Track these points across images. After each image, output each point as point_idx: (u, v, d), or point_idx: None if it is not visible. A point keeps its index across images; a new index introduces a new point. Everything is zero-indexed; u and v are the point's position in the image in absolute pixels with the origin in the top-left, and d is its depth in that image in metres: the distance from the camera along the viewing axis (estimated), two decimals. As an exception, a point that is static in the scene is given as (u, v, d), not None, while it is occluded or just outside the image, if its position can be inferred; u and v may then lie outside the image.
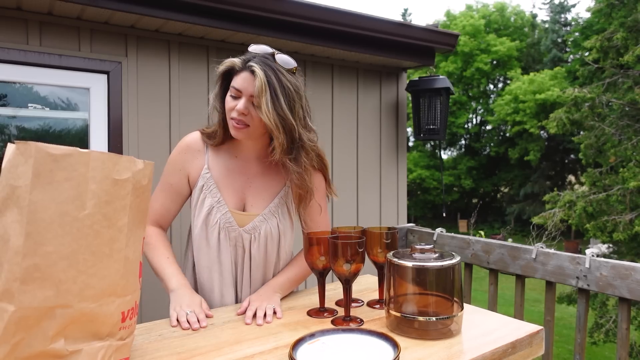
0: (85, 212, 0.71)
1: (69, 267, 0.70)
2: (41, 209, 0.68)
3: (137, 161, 0.79)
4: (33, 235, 0.67)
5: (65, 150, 0.70)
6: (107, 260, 0.74)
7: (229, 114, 1.21)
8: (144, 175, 0.82)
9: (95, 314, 0.73)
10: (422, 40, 3.36)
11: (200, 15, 2.53)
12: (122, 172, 0.76)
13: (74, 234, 0.70)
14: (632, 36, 8.37)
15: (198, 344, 0.97)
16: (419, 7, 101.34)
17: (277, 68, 1.18)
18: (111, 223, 0.74)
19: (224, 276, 1.31)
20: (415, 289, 0.99)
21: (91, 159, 0.72)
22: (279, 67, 1.19)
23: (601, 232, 7.96)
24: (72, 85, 2.52)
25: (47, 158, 0.68)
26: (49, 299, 0.68)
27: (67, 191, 0.70)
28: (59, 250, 0.69)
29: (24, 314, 0.67)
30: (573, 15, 25.47)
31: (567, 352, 7.54)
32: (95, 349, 0.74)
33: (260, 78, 1.14)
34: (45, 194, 0.68)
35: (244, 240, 1.29)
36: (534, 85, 18.69)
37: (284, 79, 1.18)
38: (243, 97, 1.18)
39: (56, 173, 0.69)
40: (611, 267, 1.80)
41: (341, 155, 3.47)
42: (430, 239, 2.65)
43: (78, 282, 0.71)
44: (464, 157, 23.16)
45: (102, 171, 0.73)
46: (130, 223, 0.79)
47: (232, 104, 1.20)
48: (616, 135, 8.61)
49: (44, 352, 0.69)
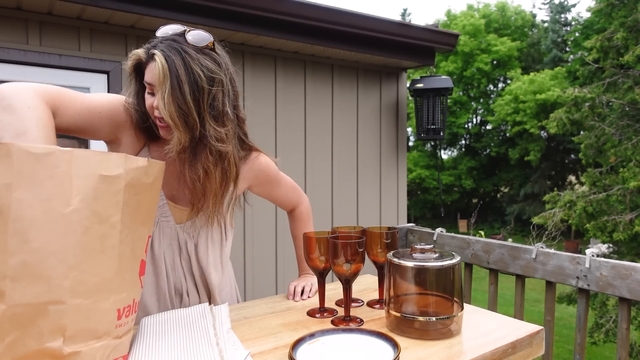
0: (71, 208, 0.71)
1: (58, 263, 0.70)
2: (25, 206, 0.68)
3: (133, 158, 0.79)
4: (19, 233, 0.67)
5: (46, 149, 0.70)
6: (100, 256, 0.74)
7: (150, 113, 1.04)
8: (146, 173, 0.81)
9: (90, 310, 0.73)
10: (422, 40, 3.36)
11: (200, 15, 2.53)
12: (110, 168, 0.75)
13: (61, 230, 0.70)
14: (633, 36, 8.37)
15: (198, 344, 0.97)
16: (419, 7, 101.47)
17: (184, 49, 0.98)
18: (102, 219, 0.74)
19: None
20: (415, 289, 0.99)
21: (74, 156, 0.72)
22: (189, 47, 0.99)
23: (601, 232, 7.96)
24: (72, 85, 2.52)
25: (28, 157, 0.69)
26: (40, 295, 0.68)
27: (50, 188, 0.70)
28: (46, 247, 0.69)
29: (16, 311, 0.67)
30: (573, 15, 25.49)
31: (567, 352, 7.55)
32: (94, 350, 0.74)
33: (159, 64, 0.96)
34: (29, 191, 0.68)
35: (179, 238, 1.17)
36: (534, 85, 18.70)
37: (192, 61, 0.98)
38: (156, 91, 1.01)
39: (39, 171, 0.69)
40: (611, 267, 1.80)
41: (341, 155, 3.47)
42: (430, 239, 2.65)
43: (69, 278, 0.71)
44: (464, 157, 23.16)
45: (87, 168, 0.73)
46: (128, 220, 0.78)
47: (149, 101, 1.03)
48: (616, 135, 8.61)
49: (40, 350, 0.69)
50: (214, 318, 1.03)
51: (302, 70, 3.28)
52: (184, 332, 0.95)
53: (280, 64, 3.19)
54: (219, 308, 1.10)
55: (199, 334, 0.94)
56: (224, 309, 1.10)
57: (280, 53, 3.16)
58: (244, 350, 0.88)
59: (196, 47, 1.01)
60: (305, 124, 3.32)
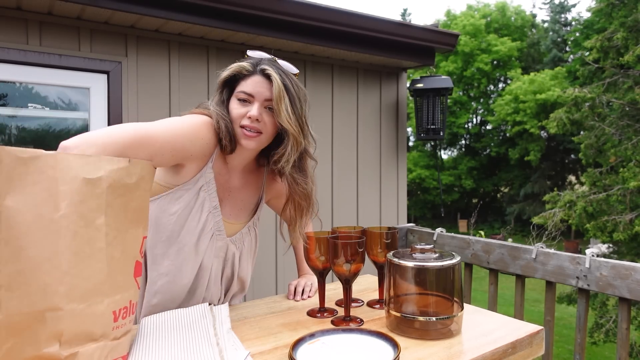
0: (60, 213, 0.71)
1: (53, 270, 0.69)
2: (17, 213, 0.67)
3: (114, 159, 0.79)
4: (12, 242, 0.67)
5: (33, 152, 0.69)
6: (89, 260, 0.74)
7: (238, 121, 1.10)
8: (129, 173, 0.81)
9: (86, 314, 0.73)
10: (422, 40, 3.36)
11: (200, 15, 2.53)
12: (92, 171, 0.75)
13: (52, 236, 0.70)
14: (633, 36, 8.37)
15: (198, 344, 0.97)
16: (419, 7, 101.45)
17: (286, 72, 1.13)
18: (88, 222, 0.74)
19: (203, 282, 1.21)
20: (415, 289, 0.99)
21: (58, 160, 0.72)
22: (287, 71, 1.14)
23: (601, 232, 7.96)
24: (72, 85, 2.52)
25: (16, 162, 0.68)
26: (36, 303, 0.68)
27: (38, 194, 0.69)
28: (40, 254, 0.69)
29: (13, 320, 0.66)
30: (573, 15, 25.51)
31: (567, 352, 7.54)
32: (91, 350, 0.74)
33: (277, 82, 1.07)
34: (19, 198, 0.68)
35: (229, 250, 1.23)
36: (534, 85, 18.69)
37: (294, 83, 1.12)
38: (256, 102, 1.10)
39: (26, 177, 0.68)
40: (611, 267, 1.80)
41: (341, 155, 3.47)
42: (430, 239, 2.65)
43: (64, 283, 0.70)
44: (464, 157, 23.16)
45: (70, 171, 0.73)
46: (113, 222, 0.78)
47: (242, 110, 1.10)
48: (616, 135, 8.61)
49: (38, 356, 0.68)
50: (214, 318, 1.03)
51: (302, 71, 3.29)
52: (184, 332, 0.95)
53: (280, 64, 3.19)
54: (219, 308, 1.10)
55: (199, 334, 0.94)
56: (224, 309, 1.10)
57: (280, 53, 3.16)
58: (244, 350, 0.88)
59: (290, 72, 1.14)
60: (305, 124, 3.31)
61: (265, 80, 1.10)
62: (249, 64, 1.12)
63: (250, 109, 1.09)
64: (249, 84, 1.10)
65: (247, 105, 1.10)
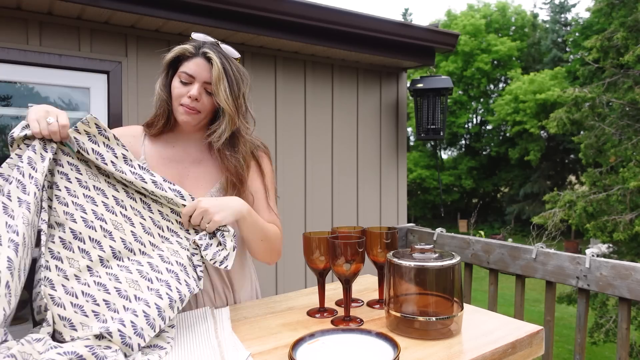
0: None
1: None
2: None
3: None
4: None
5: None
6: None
7: (178, 100, 1.19)
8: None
9: None
10: (422, 40, 3.36)
11: (200, 15, 2.53)
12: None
13: None
14: (632, 36, 8.37)
15: (198, 344, 0.97)
16: (420, 7, 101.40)
17: (227, 56, 1.19)
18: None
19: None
20: (415, 289, 0.99)
21: None
22: (228, 55, 1.20)
23: (601, 232, 7.95)
24: (72, 85, 2.52)
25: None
26: None
27: None
28: None
29: None
30: (573, 15, 25.49)
31: (567, 352, 7.55)
32: None
33: (217, 64, 1.14)
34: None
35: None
36: (534, 85, 18.69)
37: (234, 67, 1.19)
38: (196, 83, 1.17)
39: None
40: (611, 267, 1.80)
41: (341, 155, 3.47)
42: (430, 239, 2.65)
43: None
44: (464, 157, 23.15)
45: None
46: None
47: (182, 89, 1.18)
48: (616, 135, 8.61)
49: None
50: (215, 321, 1.03)
51: (302, 71, 3.29)
52: (185, 334, 0.95)
53: (281, 64, 3.19)
54: (219, 311, 1.11)
55: (199, 335, 0.95)
56: (225, 312, 1.11)
57: (281, 53, 3.16)
58: (244, 350, 0.88)
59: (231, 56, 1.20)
60: (306, 124, 3.32)
61: (206, 63, 1.17)
62: (192, 46, 1.19)
63: (191, 89, 1.17)
64: (190, 65, 1.18)
65: (187, 86, 1.18)
